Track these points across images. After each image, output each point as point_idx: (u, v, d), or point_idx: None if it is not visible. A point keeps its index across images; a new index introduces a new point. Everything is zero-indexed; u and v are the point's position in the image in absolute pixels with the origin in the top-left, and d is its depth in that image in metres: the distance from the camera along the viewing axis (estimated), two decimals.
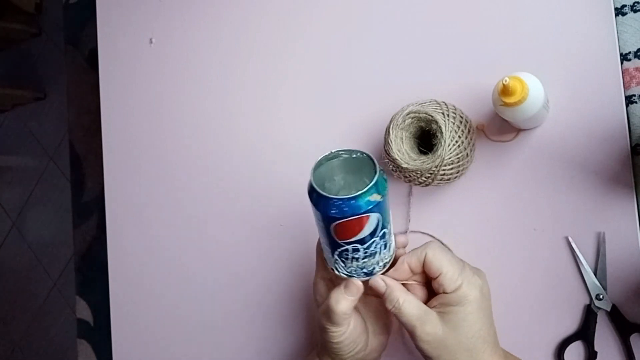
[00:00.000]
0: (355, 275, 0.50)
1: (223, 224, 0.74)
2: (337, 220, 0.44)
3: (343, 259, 0.48)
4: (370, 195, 0.44)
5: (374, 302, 0.56)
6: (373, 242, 0.47)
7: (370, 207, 0.44)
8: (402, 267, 0.51)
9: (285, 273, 0.71)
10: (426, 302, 0.51)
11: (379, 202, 0.45)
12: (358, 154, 0.47)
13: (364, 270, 0.49)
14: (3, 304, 2.11)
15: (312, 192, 0.45)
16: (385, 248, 0.49)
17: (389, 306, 0.50)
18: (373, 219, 0.45)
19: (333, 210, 0.44)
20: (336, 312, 0.49)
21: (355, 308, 0.53)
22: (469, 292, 0.49)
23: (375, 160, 0.46)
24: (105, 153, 0.84)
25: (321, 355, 0.55)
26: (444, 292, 0.49)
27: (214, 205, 0.75)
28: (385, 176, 0.46)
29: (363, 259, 0.48)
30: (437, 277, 0.50)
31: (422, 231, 0.63)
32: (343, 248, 0.47)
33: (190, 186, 0.77)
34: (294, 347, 0.70)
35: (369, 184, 0.44)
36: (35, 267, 2.05)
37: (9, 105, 2.12)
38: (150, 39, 0.82)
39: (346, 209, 0.44)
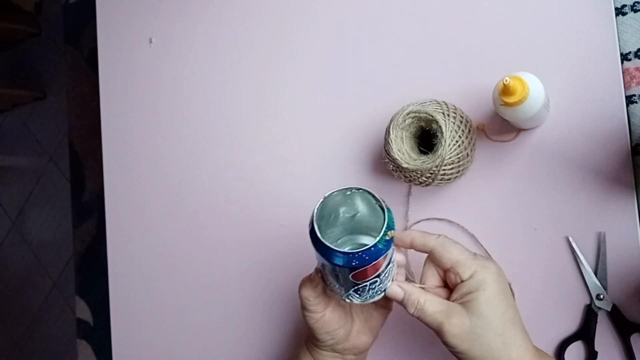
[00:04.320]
0: (369, 298, 0.49)
1: (223, 224, 0.74)
2: (357, 269, 0.43)
3: (359, 293, 0.48)
4: (386, 235, 0.43)
5: (369, 306, 0.56)
6: (387, 270, 0.47)
7: (388, 247, 0.43)
8: (406, 239, 0.51)
9: (284, 272, 0.70)
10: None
11: (392, 237, 0.44)
12: (353, 190, 0.46)
13: (377, 293, 0.49)
14: (3, 304, 2.11)
15: (325, 248, 0.44)
16: (393, 267, 0.49)
17: (411, 310, 0.48)
18: (389, 254, 0.45)
19: (354, 261, 0.43)
20: (301, 296, 0.51)
21: (339, 305, 0.53)
22: (486, 275, 0.48)
23: (377, 196, 0.45)
24: (105, 153, 0.84)
25: (307, 341, 0.56)
26: (461, 281, 0.48)
27: (214, 205, 0.75)
28: (389, 208, 0.45)
29: (379, 284, 0.48)
30: (450, 267, 0.49)
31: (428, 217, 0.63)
32: (361, 286, 0.46)
33: (190, 186, 0.77)
34: (290, 342, 0.70)
35: (382, 227, 0.43)
36: (35, 267, 2.05)
37: (8, 105, 2.11)
38: (150, 39, 0.82)
39: (367, 257, 0.43)
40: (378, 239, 0.42)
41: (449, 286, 0.51)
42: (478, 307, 0.47)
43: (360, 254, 0.42)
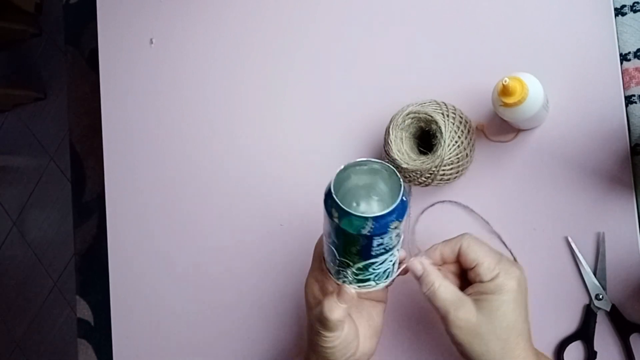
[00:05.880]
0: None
1: (223, 224, 0.75)
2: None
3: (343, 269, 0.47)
4: (393, 215, 0.41)
5: (367, 305, 0.54)
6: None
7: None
8: (434, 255, 0.51)
9: (284, 273, 0.71)
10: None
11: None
12: (384, 168, 0.44)
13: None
14: (3, 304, 2.11)
15: (338, 208, 0.42)
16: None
17: (424, 289, 0.49)
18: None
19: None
20: (330, 320, 0.48)
21: (349, 317, 0.51)
22: (506, 282, 0.48)
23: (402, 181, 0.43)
24: (105, 153, 0.84)
25: (310, 358, 0.53)
26: (481, 281, 0.49)
27: (213, 205, 0.75)
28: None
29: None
30: (473, 267, 0.49)
31: (451, 199, 0.62)
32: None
33: (190, 186, 0.77)
34: (289, 344, 0.70)
35: (394, 204, 0.41)
36: (36, 267, 2.05)
37: (9, 105, 2.11)
38: (151, 39, 0.82)
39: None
40: (386, 212, 0.40)
41: (468, 279, 0.51)
42: (488, 309, 0.47)
43: (367, 219, 0.41)
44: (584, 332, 0.56)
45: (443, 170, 0.55)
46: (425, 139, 0.58)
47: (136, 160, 0.81)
